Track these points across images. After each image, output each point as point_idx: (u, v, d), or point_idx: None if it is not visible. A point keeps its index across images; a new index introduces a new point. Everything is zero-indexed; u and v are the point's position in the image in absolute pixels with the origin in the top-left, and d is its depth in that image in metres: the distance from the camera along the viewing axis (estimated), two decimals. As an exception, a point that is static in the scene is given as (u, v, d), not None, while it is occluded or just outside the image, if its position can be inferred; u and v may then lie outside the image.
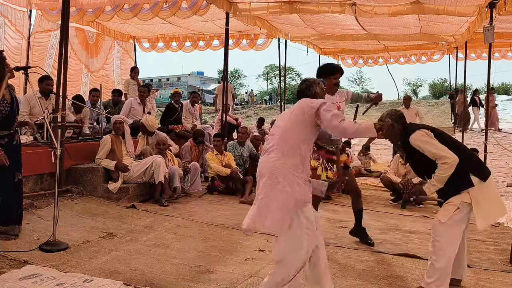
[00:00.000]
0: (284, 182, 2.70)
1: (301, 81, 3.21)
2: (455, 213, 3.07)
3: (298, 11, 8.26)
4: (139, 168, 5.79)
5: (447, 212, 3.09)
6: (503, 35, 11.10)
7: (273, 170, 2.74)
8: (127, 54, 12.80)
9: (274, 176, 2.73)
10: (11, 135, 3.85)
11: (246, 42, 11.89)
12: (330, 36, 11.92)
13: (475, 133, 14.79)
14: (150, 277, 3.28)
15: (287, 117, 2.89)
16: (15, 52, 9.43)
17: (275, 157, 2.77)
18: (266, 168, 2.80)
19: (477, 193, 3.07)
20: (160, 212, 5.32)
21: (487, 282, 3.45)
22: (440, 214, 3.13)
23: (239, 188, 6.46)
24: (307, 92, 3.07)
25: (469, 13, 7.90)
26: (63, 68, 5.52)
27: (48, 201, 5.08)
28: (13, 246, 3.70)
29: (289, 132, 2.80)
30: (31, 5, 8.85)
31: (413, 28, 10.35)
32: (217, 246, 4.16)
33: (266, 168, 2.79)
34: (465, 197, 3.08)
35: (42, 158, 5.23)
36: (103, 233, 4.32)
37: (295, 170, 2.74)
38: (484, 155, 7.78)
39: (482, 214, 3.08)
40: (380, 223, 5.30)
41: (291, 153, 2.76)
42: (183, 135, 8.08)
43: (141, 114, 7.64)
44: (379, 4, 7.92)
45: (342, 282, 3.34)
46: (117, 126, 5.90)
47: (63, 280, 3.07)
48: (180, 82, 59.17)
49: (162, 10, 8.30)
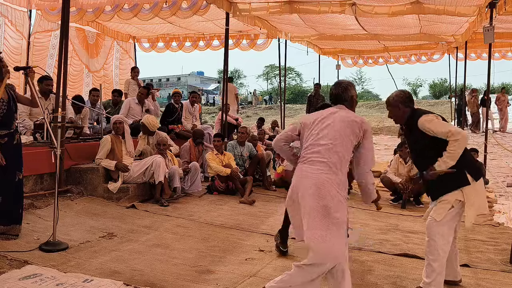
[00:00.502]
0: (327, 198, 2.62)
1: (334, 84, 3.05)
2: (449, 211, 3.08)
3: (298, 11, 8.26)
4: (139, 168, 5.79)
5: (442, 210, 3.09)
6: (503, 35, 11.12)
7: (318, 183, 2.65)
8: (127, 54, 12.81)
9: (319, 190, 2.63)
10: (11, 134, 3.84)
11: (246, 42, 11.90)
12: (330, 36, 11.93)
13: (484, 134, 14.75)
14: (150, 277, 3.28)
15: (336, 130, 2.76)
16: (15, 52, 9.43)
17: (321, 170, 2.68)
18: (311, 178, 2.68)
19: (469, 191, 3.07)
20: (160, 212, 5.32)
21: (487, 282, 3.45)
22: (434, 213, 3.13)
23: (239, 188, 6.46)
24: (345, 95, 2.94)
25: (469, 13, 7.91)
26: (63, 68, 5.53)
27: (48, 201, 5.08)
28: (13, 246, 3.70)
29: (338, 147, 2.72)
30: (31, 5, 8.86)
31: (413, 28, 10.36)
32: (217, 246, 4.16)
33: (311, 179, 2.68)
34: (459, 195, 3.08)
35: (42, 158, 5.23)
36: (103, 233, 4.32)
37: (339, 186, 2.68)
38: (484, 155, 7.79)
39: (472, 212, 3.09)
40: (380, 223, 5.30)
41: (338, 168, 2.70)
42: (183, 135, 8.09)
43: (140, 114, 7.65)
44: (379, 4, 7.93)
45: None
46: (117, 126, 5.90)
47: (63, 280, 3.07)
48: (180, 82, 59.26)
49: (162, 10, 8.31)
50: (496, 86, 30.70)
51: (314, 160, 2.72)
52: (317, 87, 13.19)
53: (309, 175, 2.70)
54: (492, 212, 5.79)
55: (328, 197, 2.63)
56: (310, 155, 2.76)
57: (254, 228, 4.85)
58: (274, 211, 5.70)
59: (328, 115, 2.85)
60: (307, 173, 2.71)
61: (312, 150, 2.76)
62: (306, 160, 2.77)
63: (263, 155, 7.46)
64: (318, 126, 2.82)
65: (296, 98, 41.80)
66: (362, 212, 5.84)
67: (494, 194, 6.86)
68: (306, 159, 2.77)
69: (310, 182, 2.67)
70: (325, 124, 2.80)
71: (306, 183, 2.68)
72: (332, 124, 2.79)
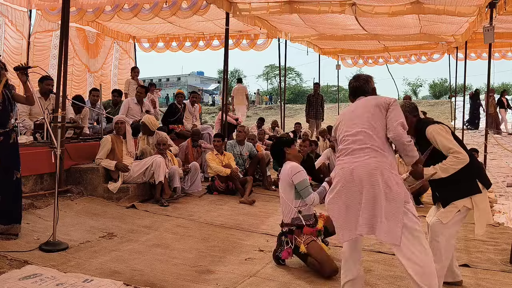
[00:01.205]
0: (384, 183, 2.54)
1: (353, 77, 3.02)
2: (455, 215, 3.09)
3: (298, 11, 8.27)
4: (139, 168, 5.79)
5: (449, 213, 3.10)
6: (503, 35, 11.12)
7: (370, 170, 2.56)
8: (127, 54, 12.81)
9: (374, 178, 2.55)
10: (7, 133, 3.84)
11: (246, 42, 11.91)
12: (330, 36, 11.94)
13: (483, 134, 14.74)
14: (150, 277, 3.28)
15: (364, 115, 2.72)
16: (15, 52, 9.44)
17: (368, 155, 2.60)
18: (360, 168, 2.59)
19: (479, 200, 3.11)
20: (160, 212, 5.32)
21: (487, 282, 3.44)
22: (441, 215, 3.14)
23: (239, 188, 6.46)
24: (367, 87, 2.92)
25: (469, 13, 7.91)
26: (63, 68, 5.53)
27: (48, 201, 5.08)
28: (13, 246, 3.70)
29: (377, 130, 2.66)
30: (31, 5, 8.86)
31: (413, 28, 10.36)
32: (217, 246, 4.16)
33: (361, 168, 2.58)
34: (468, 202, 3.10)
35: (42, 158, 5.23)
36: (103, 233, 4.32)
37: (392, 168, 2.60)
38: (484, 155, 7.79)
39: (481, 220, 3.11)
40: (380, 223, 5.29)
41: (385, 150, 2.63)
42: (183, 135, 8.09)
43: (139, 113, 7.65)
44: (379, 4, 7.93)
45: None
46: (118, 126, 5.90)
47: (63, 280, 3.07)
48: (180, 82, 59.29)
49: (162, 10, 8.31)
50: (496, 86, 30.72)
51: (356, 148, 2.65)
52: (316, 87, 13.19)
53: (358, 165, 2.60)
54: (492, 212, 5.79)
55: (387, 181, 2.54)
56: (350, 146, 2.68)
57: (254, 228, 4.85)
58: (274, 211, 5.70)
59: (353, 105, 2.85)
60: (355, 163, 2.61)
61: (350, 140, 2.69)
62: (347, 152, 2.68)
63: (263, 155, 7.46)
64: (347, 118, 2.81)
65: (296, 98, 41.81)
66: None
67: (494, 194, 6.86)
68: (346, 150, 2.68)
69: (362, 171, 2.57)
70: (354, 114, 2.78)
71: (358, 173, 2.58)
72: (359, 110, 2.77)
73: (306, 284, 3.29)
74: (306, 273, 3.48)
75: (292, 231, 3.63)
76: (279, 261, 3.68)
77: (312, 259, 3.46)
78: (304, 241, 3.53)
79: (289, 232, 3.64)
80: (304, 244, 3.51)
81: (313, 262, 3.46)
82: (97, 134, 6.86)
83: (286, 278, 3.40)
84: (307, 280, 3.36)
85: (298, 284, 3.28)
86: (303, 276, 3.43)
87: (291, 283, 3.29)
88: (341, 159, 2.73)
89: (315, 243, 3.55)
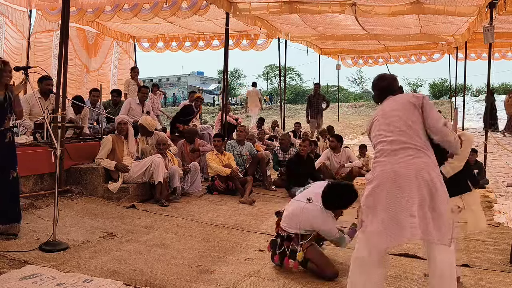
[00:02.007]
0: (432, 183, 2.47)
1: (377, 78, 2.93)
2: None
3: (298, 11, 8.27)
4: (138, 168, 5.79)
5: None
6: (503, 35, 11.13)
7: (416, 172, 2.46)
8: (127, 54, 12.81)
9: (421, 179, 2.45)
10: (2, 133, 3.83)
11: (246, 42, 11.92)
12: (330, 36, 11.95)
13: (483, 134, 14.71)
14: (150, 277, 3.28)
15: (401, 114, 2.63)
16: (16, 52, 9.44)
17: (413, 156, 2.50)
18: (405, 169, 2.48)
19: (468, 198, 3.14)
20: (160, 212, 5.32)
21: (487, 282, 3.44)
22: None
23: (239, 188, 6.46)
24: (394, 86, 2.85)
25: (469, 13, 7.91)
26: (63, 68, 5.53)
27: (48, 201, 5.08)
28: (13, 246, 3.70)
29: (416, 129, 2.58)
30: (31, 5, 8.86)
31: (413, 28, 10.36)
32: (217, 246, 4.16)
33: (406, 169, 2.48)
34: (458, 201, 3.11)
35: (42, 158, 5.23)
36: (103, 233, 4.32)
37: (436, 167, 2.53)
38: (484, 155, 7.78)
39: (472, 218, 3.13)
40: (380, 223, 5.29)
41: (428, 150, 2.55)
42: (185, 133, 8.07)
43: (140, 114, 7.63)
44: (379, 4, 7.93)
45: (342, 282, 3.34)
46: (121, 127, 5.90)
47: (63, 280, 3.07)
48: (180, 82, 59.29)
49: (162, 10, 8.31)
50: (496, 86, 30.72)
51: (397, 149, 2.55)
52: (316, 87, 13.21)
53: (403, 165, 2.49)
54: (492, 212, 5.79)
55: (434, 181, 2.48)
56: (389, 146, 2.57)
57: (254, 228, 4.85)
58: (274, 211, 5.69)
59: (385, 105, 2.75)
60: (398, 164, 2.50)
61: (389, 140, 2.59)
62: (387, 152, 2.57)
63: (263, 155, 7.46)
64: (382, 117, 2.70)
65: (296, 98, 41.81)
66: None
67: (494, 194, 6.86)
68: (385, 151, 2.57)
69: (408, 172, 2.47)
70: (389, 114, 2.68)
71: (404, 174, 2.47)
72: (393, 109, 2.68)
73: (306, 284, 3.29)
74: (306, 273, 3.48)
75: (290, 237, 3.52)
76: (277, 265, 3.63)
77: (312, 264, 3.43)
78: (302, 246, 3.46)
79: (287, 239, 3.52)
80: (302, 249, 3.44)
81: (312, 267, 3.43)
82: (97, 134, 6.86)
83: (286, 278, 3.39)
84: (307, 280, 3.36)
85: (298, 284, 3.27)
86: (303, 276, 3.43)
87: (291, 283, 3.29)
88: (380, 160, 2.58)
89: (314, 247, 3.52)
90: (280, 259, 3.52)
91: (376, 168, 2.59)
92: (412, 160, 2.48)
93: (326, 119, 15.01)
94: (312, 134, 12.11)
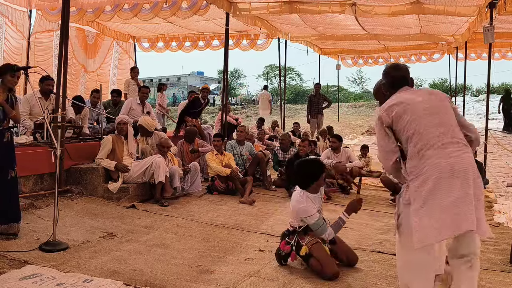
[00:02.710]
0: (478, 178, 2.48)
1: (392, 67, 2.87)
2: None
3: (298, 11, 8.27)
4: (138, 168, 5.79)
5: None
6: (503, 35, 11.13)
7: (470, 166, 2.45)
8: (127, 54, 12.82)
9: (473, 174, 2.45)
10: (0, 132, 3.83)
11: (246, 42, 11.94)
12: (330, 36, 11.95)
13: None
14: (150, 277, 3.28)
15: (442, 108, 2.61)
16: (16, 52, 9.45)
17: (462, 150, 2.48)
18: (461, 163, 2.44)
19: None
20: (160, 212, 5.32)
21: (487, 282, 3.44)
22: None
23: (239, 188, 6.46)
24: (409, 76, 2.82)
25: (469, 13, 7.92)
26: (63, 68, 5.53)
27: (48, 201, 5.09)
28: (13, 246, 3.70)
29: (456, 125, 2.60)
30: (31, 5, 8.86)
31: (413, 28, 10.37)
32: (217, 246, 4.16)
33: (461, 164, 2.44)
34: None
35: (42, 158, 5.23)
36: (103, 233, 4.32)
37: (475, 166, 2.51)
38: (484, 155, 7.78)
39: None
40: (380, 223, 5.30)
41: (468, 146, 2.56)
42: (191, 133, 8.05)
43: (141, 114, 7.62)
44: (379, 4, 7.93)
45: (341, 281, 3.34)
46: (121, 127, 5.90)
47: (63, 280, 3.07)
48: (180, 82, 59.27)
49: (162, 10, 8.32)
50: (496, 86, 30.71)
51: (447, 142, 2.48)
52: (317, 87, 13.21)
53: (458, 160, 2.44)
54: (492, 212, 5.79)
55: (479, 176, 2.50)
56: (437, 140, 2.49)
57: (254, 228, 4.85)
58: (274, 211, 5.71)
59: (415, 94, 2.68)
60: (452, 158, 2.44)
61: (437, 133, 2.51)
62: (435, 146, 2.48)
63: (263, 155, 7.46)
64: (419, 108, 2.59)
65: (296, 98, 41.76)
66: (363, 212, 5.84)
67: (494, 194, 6.86)
68: (432, 145, 2.48)
69: (464, 166, 2.43)
70: (429, 105, 2.61)
71: (461, 168, 2.42)
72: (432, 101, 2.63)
73: (306, 284, 3.29)
74: (306, 273, 3.48)
75: (295, 231, 3.61)
76: (281, 261, 3.66)
77: (314, 260, 3.45)
78: (307, 242, 3.52)
79: (293, 233, 3.64)
80: (307, 245, 3.49)
81: (314, 264, 3.44)
82: (97, 134, 6.86)
83: (286, 278, 3.40)
84: (307, 280, 3.36)
85: (298, 284, 3.27)
86: (303, 276, 3.43)
87: (291, 283, 3.29)
88: (428, 153, 2.48)
89: (319, 245, 3.54)
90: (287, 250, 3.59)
91: (427, 161, 2.48)
92: (464, 155, 2.47)
93: (326, 119, 15.01)
94: (312, 134, 12.11)
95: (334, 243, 3.67)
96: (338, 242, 3.71)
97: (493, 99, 18.62)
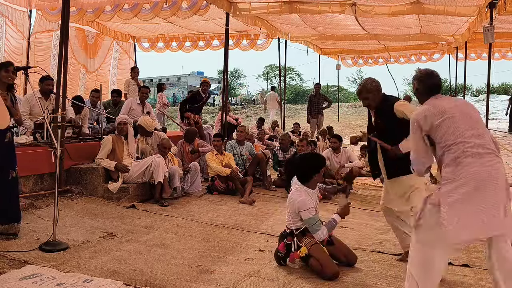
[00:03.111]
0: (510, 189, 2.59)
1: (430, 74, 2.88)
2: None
3: (298, 11, 8.27)
4: (138, 168, 5.79)
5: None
6: (503, 35, 11.13)
7: (503, 176, 2.58)
8: (127, 54, 12.81)
9: (506, 184, 2.57)
10: (1, 132, 3.83)
11: (246, 42, 11.93)
12: (330, 36, 11.95)
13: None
14: (150, 277, 3.28)
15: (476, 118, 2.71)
16: (16, 52, 9.45)
17: (495, 160, 2.60)
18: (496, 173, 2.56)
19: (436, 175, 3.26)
20: (160, 212, 5.32)
21: (487, 282, 3.44)
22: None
23: (239, 188, 6.46)
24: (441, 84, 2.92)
25: (469, 13, 7.92)
26: (63, 68, 5.53)
27: (48, 201, 5.09)
28: (13, 246, 3.70)
29: (487, 133, 2.69)
30: (31, 5, 8.86)
31: (413, 28, 10.37)
32: (217, 246, 4.16)
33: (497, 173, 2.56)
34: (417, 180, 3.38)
35: (42, 158, 5.23)
36: (103, 233, 4.32)
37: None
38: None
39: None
40: (380, 223, 5.29)
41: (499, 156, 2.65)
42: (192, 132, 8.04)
43: (141, 114, 7.61)
44: (379, 4, 7.93)
45: (341, 281, 3.34)
46: (121, 127, 5.90)
47: (63, 280, 3.07)
48: (180, 82, 59.27)
49: (162, 10, 8.32)
50: (496, 86, 30.69)
51: (483, 152, 2.58)
52: (317, 87, 13.21)
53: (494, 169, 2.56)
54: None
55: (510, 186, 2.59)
56: (475, 149, 2.58)
57: (254, 228, 4.85)
58: (274, 211, 5.71)
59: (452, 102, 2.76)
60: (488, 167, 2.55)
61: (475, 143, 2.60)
62: (472, 154, 2.57)
63: (263, 155, 7.46)
64: (460, 117, 2.67)
65: (296, 98, 41.76)
66: (363, 212, 5.85)
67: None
68: (471, 154, 2.57)
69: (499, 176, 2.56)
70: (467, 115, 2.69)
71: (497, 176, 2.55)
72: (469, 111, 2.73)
73: (306, 284, 3.29)
74: (306, 273, 3.48)
75: (292, 233, 3.63)
76: (280, 261, 3.67)
77: (314, 260, 3.45)
78: (306, 243, 3.53)
79: (290, 234, 3.64)
80: (306, 246, 3.51)
81: (314, 264, 3.45)
82: (97, 134, 6.86)
83: (286, 278, 3.40)
84: (307, 280, 3.36)
85: (298, 284, 3.28)
86: (303, 276, 3.43)
87: (291, 283, 3.29)
88: (465, 160, 2.58)
89: (318, 246, 3.54)
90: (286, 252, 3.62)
91: (466, 167, 2.57)
92: (497, 165, 2.60)
93: (326, 119, 15.00)
94: (312, 134, 12.11)
95: (332, 245, 3.67)
96: (336, 243, 3.72)
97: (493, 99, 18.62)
